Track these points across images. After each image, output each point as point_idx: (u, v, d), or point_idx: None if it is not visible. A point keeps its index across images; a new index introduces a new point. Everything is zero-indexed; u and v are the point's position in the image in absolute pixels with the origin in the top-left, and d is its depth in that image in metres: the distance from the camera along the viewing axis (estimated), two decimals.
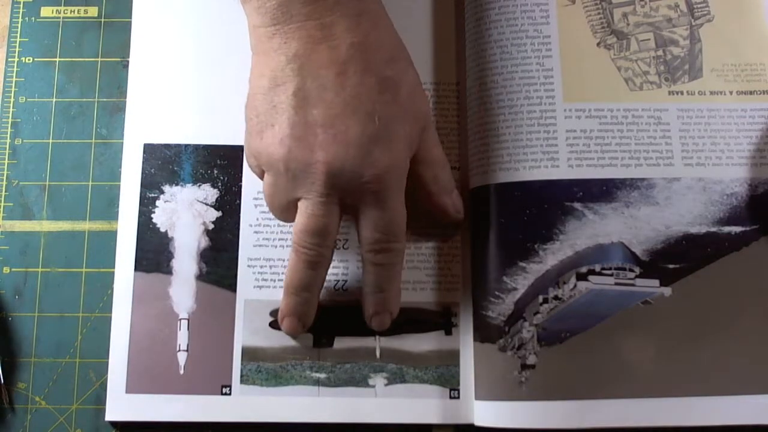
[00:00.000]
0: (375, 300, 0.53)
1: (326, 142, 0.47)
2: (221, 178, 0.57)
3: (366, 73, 0.48)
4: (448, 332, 0.55)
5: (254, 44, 0.50)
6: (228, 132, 0.57)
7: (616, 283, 0.53)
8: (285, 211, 0.51)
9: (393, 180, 0.49)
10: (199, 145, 0.57)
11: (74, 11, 0.60)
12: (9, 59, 0.59)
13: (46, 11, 0.60)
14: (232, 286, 0.55)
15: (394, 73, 0.49)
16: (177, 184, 0.57)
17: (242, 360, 0.54)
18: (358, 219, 0.50)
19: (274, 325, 0.55)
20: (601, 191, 0.54)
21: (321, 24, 0.47)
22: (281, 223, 0.56)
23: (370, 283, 0.52)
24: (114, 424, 0.54)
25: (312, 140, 0.47)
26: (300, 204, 0.49)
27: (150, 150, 0.57)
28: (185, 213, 0.56)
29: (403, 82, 0.50)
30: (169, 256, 0.56)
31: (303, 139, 0.47)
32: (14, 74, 0.59)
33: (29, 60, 0.59)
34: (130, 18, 0.60)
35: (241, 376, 0.54)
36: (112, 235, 0.56)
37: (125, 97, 0.58)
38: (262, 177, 0.51)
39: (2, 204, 0.57)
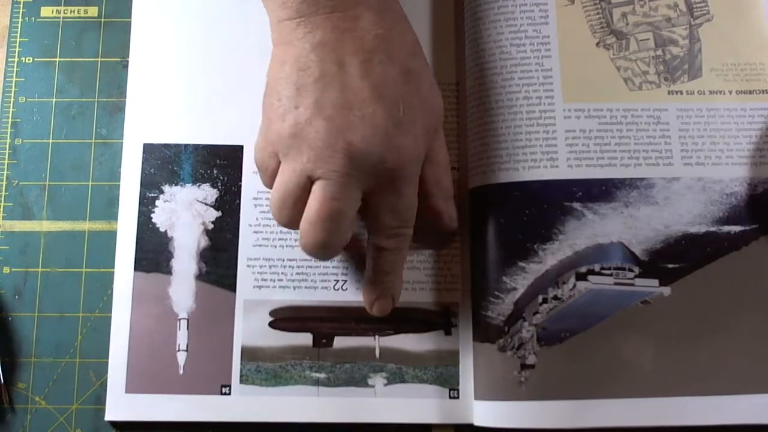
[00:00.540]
0: (378, 284, 0.53)
1: (354, 123, 0.47)
2: (221, 178, 0.57)
3: (390, 63, 0.48)
4: (448, 332, 0.55)
5: (276, 37, 0.50)
6: (228, 132, 0.57)
7: (616, 283, 0.53)
8: (294, 203, 0.48)
9: (412, 168, 0.49)
10: (198, 145, 0.57)
11: (74, 11, 0.60)
12: (9, 59, 0.59)
13: (46, 11, 0.60)
14: (231, 286, 0.55)
15: (416, 66, 0.50)
16: (177, 184, 0.57)
17: (242, 360, 0.54)
18: (373, 204, 0.50)
19: (274, 325, 0.55)
20: (600, 191, 0.54)
21: (347, 16, 0.48)
22: None
23: (374, 268, 0.53)
24: (114, 424, 0.54)
25: (340, 120, 0.47)
26: (316, 186, 0.48)
27: (150, 150, 0.57)
28: (185, 213, 0.56)
29: (423, 76, 0.50)
30: (169, 255, 0.56)
31: (331, 119, 0.47)
32: (14, 74, 0.59)
33: (29, 60, 0.59)
34: (130, 18, 0.60)
35: (241, 376, 0.54)
36: (111, 235, 0.56)
37: (125, 97, 0.58)
38: (271, 178, 0.50)
39: (2, 204, 0.57)
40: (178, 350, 0.54)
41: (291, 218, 0.49)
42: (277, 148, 0.49)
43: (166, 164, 0.57)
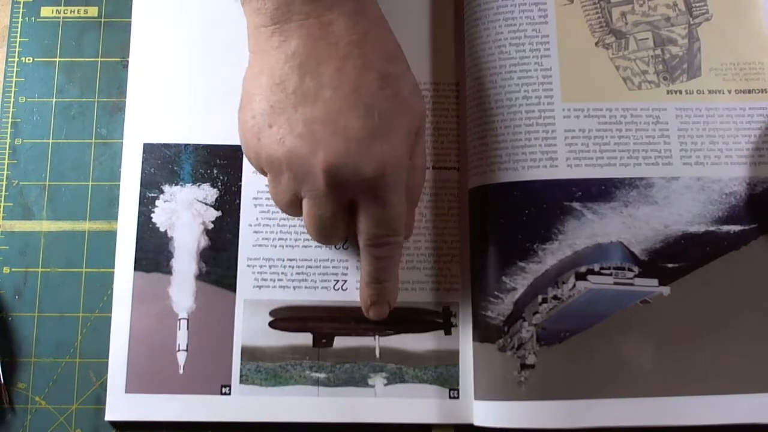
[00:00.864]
0: (373, 290, 0.53)
1: (326, 139, 0.47)
2: (221, 177, 0.57)
3: (365, 69, 0.48)
4: (448, 332, 0.55)
5: (252, 44, 0.50)
6: (228, 132, 0.57)
7: (615, 283, 0.53)
8: (291, 207, 0.50)
9: (393, 175, 0.48)
10: (198, 144, 0.57)
11: (74, 11, 0.60)
12: (9, 59, 0.59)
13: (46, 11, 0.60)
14: (231, 286, 0.55)
15: (394, 70, 0.49)
16: (176, 184, 0.57)
17: (242, 360, 0.54)
18: (357, 213, 0.50)
19: (274, 324, 0.55)
20: (599, 191, 0.54)
21: (320, 22, 0.47)
22: (281, 223, 0.56)
23: (368, 274, 0.52)
24: (114, 424, 0.54)
25: (311, 138, 0.47)
26: (303, 202, 0.49)
27: (150, 150, 0.57)
28: (185, 213, 0.56)
29: (402, 79, 0.50)
30: (169, 255, 0.56)
31: (302, 137, 0.47)
32: (14, 74, 0.59)
33: (29, 60, 0.59)
34: (130, 18, 0.60)
35: (241, 375, 0.54)
36: (111, 235, 0.56)
37: (125, 97, 0.58)
38: (264, 174, 0.51)
39: (2, 204, 0.57)
40: (178, 350, 0.54)
41: (292, 215, 0.52)
42: (258, 162, 0.50)
43: (166, 164, 0.57)
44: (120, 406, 0.54)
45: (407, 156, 0.49)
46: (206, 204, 0.57)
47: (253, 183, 0.57)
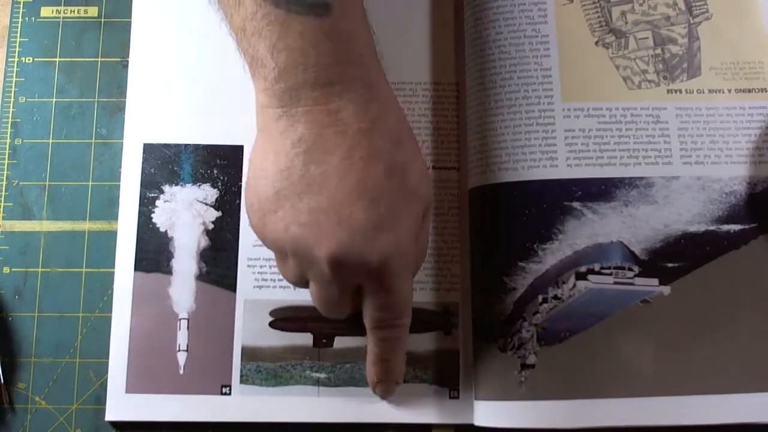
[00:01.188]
0: (379, 369, 0.53)
1: (330, 230, 0.45)
2: (221, 177, 0.57)
3: (372, 159, 0.46)
4: (448, 332, 0.55)
5: (260, 123, 0.48)
6: (228, 132, 0.57)
7: (615, 283, 0.53)
8: (298, 283, 0.50)
9: (398, 264, 0.47)
10: (198, 144, 0.57)
11: (74, 11, 0.60)
12: (9, 59, 0.59)
13: (46, 11, 0.60)
14: (231, 286, 0.55)
15: (402, 157, 0.47)
16: (177, 184, 0.57)
17: (242, 360, 0.54)
18: (363, 296, 0.49)
19: (274, 325, 0.55)
20: (599, 190, 0.54)
21: (328, 109, 0.46)
22: None
23: (374, 354, 0.52)
24: (114, 424, 0.54)
25: (316, 228, 0.45)
26: (310, 283, 0.49)
27: (150, 150, 0.57)
28: (185, 213, 0.56)
29: (410, 167, 0.48)
30: (169, 255, 0.56)
31: (307, 227, 0.46)
32: (14, 74, 0.59)
33: (29, 60, 0.60)
34: (130, 18, 0.60)
35: (241, 376, 0.54)
36: (112, 235, 0.56)
37: (125, 97, 0.58)
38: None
39: (2, 204, 0.57)
40: (178, 350, 0.54)
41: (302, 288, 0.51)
42: (262, 243, 0.49)
43: (166, 164, 0.57)
44: (120, 406, 0.54)
45: (413, 243, 0.49)
46: (206, 204, 0.57)
47: None
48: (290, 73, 0.45)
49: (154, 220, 0.56)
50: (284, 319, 0.55)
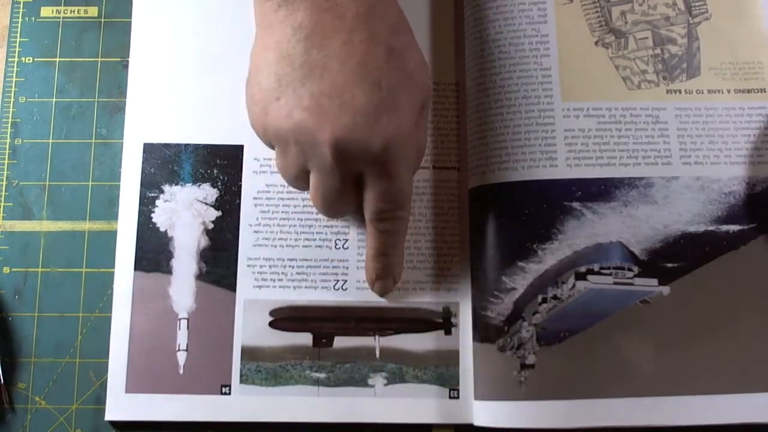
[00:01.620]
0: (379, 264, 0.53)
1: (333, 113, 0.46)
2: (221, 177, 0.57)
3: (372, 42, 0.47)
4: (448, 332, 0.55)
5: (259, 19, 0.49)
6: (228, 132, 0.58)
7: (615, 283, 0.53)
8: (298, 180, 0.50)
9: (400, 149, 0.48)
10: (198, 144, 0.57)
11: (74, 11, 0.60)
12: (9, 59, 0.59)
13: (46, 11, 0.60)
14: (231, 286, 0.55)
15: (400, 43, 0.49)
16: (177, 184, 0.57)
17: (242, 360, 0.54)
18: (364, 187, 0.50)
19: (274, 324, 0.55)
20: (599, 191, 0.54)
21: None
22: (281, 223, 0.56)
23: (373, 248, 0.53)
24: (114, 423, 0.54)
25: (319, 112, 0.46)
26: (311, 176, 0.49)
27: (150, 150, 0.57)
28: (185, 213, 0.56)
29: (408, 53, 0.49)
30: (169, 255, 0.56)
31: (310, 111, 0.46)
32: (14, 74, 0.59)
33: (29, 60, 0.60)
34: (130, 18, 0.60)
35: (241, 375, 0.54)
36: (112, 235, 0.56)
37: (125, 97, 0.58)
38: (271, 147, 0.51)
39: (2, 204, 0.57)
40: (178, 350, 0.54)
41: (298, 189, 0.52)
42: (266, 136, 0.49)
43: (166, 164, 0.57)
44: (120, 406, 0.54)
45: (414, 130, 0.49)
46: (206, 204, 0.57)
47: (253, 183, 0.57)
48: None
49: (154, 220, 0.56)
50: (284, 319, 0.55)
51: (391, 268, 0.54)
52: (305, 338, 0.55)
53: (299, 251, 0.56)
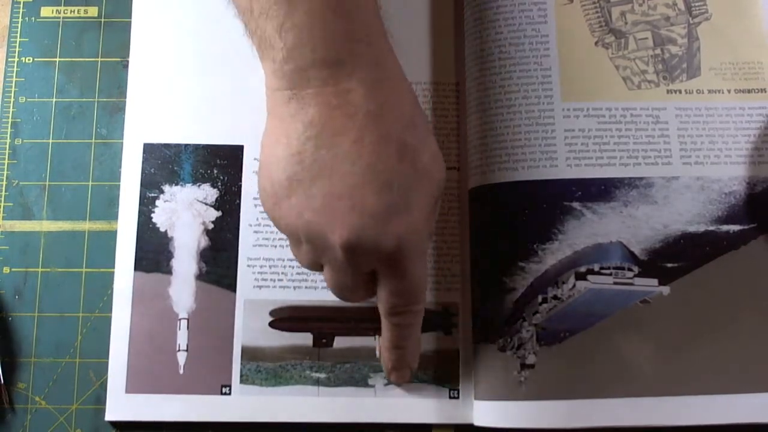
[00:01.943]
0: (393, 357, 0.53)
1: (344, 215, 0.45)
2: (221, 177, 0.57)
3: (383, 141, 0.46)
4: (448, 332, 0.55)
5: (270, 107, 0.48)
6: (228, 132, 0.58)
7: (615, 283, 0.53)
8: (312, 268, 0.50)
9: (412, 248, 0.47)
10: (198, 144, 0.57)
11: (74, 11, 0.60)
12: (9, 59, 0.59)
13: (46, 11, 0.60)
14: (231, 286, 0.55)
15: (413, 139, 0.47)
16: (177, 184, 0.57)
17: (242, 360, 0.54)
18: (378, 282, 0.49)
19: (274, 325, 0.55)
20: (599, 191, 0.54)
21: (337, 90, 0.45)
22: None
23: (388, 340, 0.52)
24: (114, 424, 0.54)
25: (329, 214, 0.45)
26: (324, 268, 0.49)
27: (150, 150, 0.57)
28: (185, 213, 0.56)
29: (422, 148, 0.47)
30: (169, 255, 0.56)
31: (320, 213, 0.45)
32: (14, 74, 0.59)
33: (29, 60, 0.60)
34: (130, 18, 0.60)
35: (241, 375, 0.54)
36: (112, 235, 0.56)
37: (125, 97, 0.58)
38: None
39: (2, 204, 0.57)
40: (178, 350, 0.54)
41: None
42: (276, 227, 0.49)
43: (166, 164, 0.57)
44: (120, 406, 0.54)
45: (426, 226, 0.48)
46: (206, 204, 0.57)
47: (253, 183, 0.57)
48: (298, 52, 0.44)
49: (154, 220, 0.56)
50: (284, 319, 0.55)
51: (405, 359, 0.53)
52: (305, 338, 0.55)
53: None
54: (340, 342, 0.55)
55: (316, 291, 0.55)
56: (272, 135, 0.47)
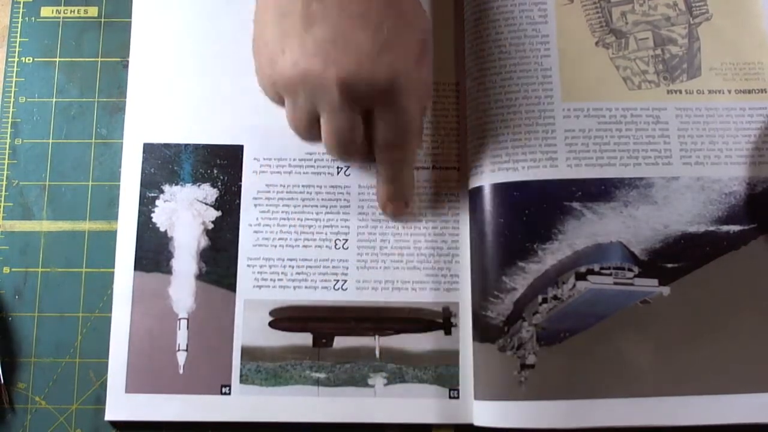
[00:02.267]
0: (388, 189, 0.55)
1: (337, 56, 0.48)
2: (221, 177, 0.57)
3: None
4: (448, 332, 0.55)
5: None
6: (228, 132, 0.57)
7: (615, 283, 0.53)
8: (309, 129, 0.53)
9: (405, 82, 0.50)
10: (198, 144, 0.57)
11: (74, 11, 0.60)
12: (9, 59, 0.59)
13: (46, 11, 0.60)
14: (231, 286, 0.55)
15: None
16: (177, 184, 0.57)
17: (242, 360, 0.54)
18: (373, 122, 0.52)
19: (274, 324, 0.55)
20: (599, 191, 0.54)
21: None
22: (281, 223, 0.56)
23: (383, 175, 0.55)
24: (114, 423, 0.54)
25: (324, 56, 0.48)
26: (321, 119, 0.51)
27: (150, 150, 0.57)
28: (185, 213, 0.56)
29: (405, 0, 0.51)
30: (169, 255, 0.56)
31: (315, 57, 0.48)
32: (14, 74, 0.59)
33: (29, 60, 0.59)
34: (130, 18, 0.60)
35: (241, 375, 0.54)
36: (111, 235, 0.56)
37: (125, 97, 0.58)
38: (280, 104, 0.53)
39: (2, 204, 0.57)
40: (178, 350, 0.54)
41: (310, 141, 0.55)
42: (276, 89, 0.52)
43: (166, 164, 0.57)
44: (120, 406, 0.54)
45: (416, 66, 0.51)
46: (206, 204, 0.57)
47: (253, 183, 0.57)
48: None
49: (154, 220, 0.56)
50: (284, 319, 0.55)
51: (400, 192, 0.55)
52: (305, 338, 0.55)
53: (299, 251, 0.56)
54: (340, 342, 0.55)
55: (316, 291, 0.55)
56: (262, 6, 0.51)
